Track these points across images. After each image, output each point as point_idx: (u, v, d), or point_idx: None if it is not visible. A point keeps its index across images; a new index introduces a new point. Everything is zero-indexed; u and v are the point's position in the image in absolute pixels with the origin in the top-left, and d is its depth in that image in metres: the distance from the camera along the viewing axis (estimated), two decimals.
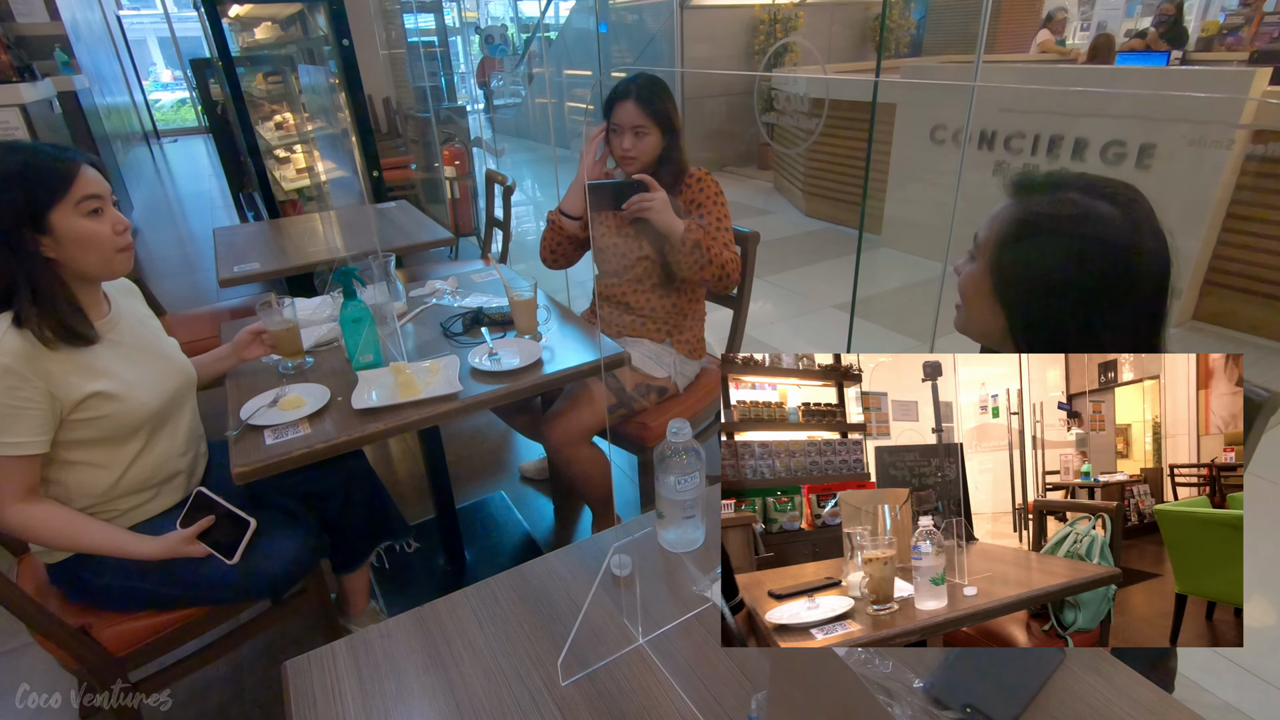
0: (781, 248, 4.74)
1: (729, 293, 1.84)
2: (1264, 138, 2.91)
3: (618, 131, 1.67)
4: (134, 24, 12.29)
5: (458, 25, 8.27)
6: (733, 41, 7.06)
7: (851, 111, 4.76)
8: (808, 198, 5.28)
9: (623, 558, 0.94)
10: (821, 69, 5.82)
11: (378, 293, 1.64)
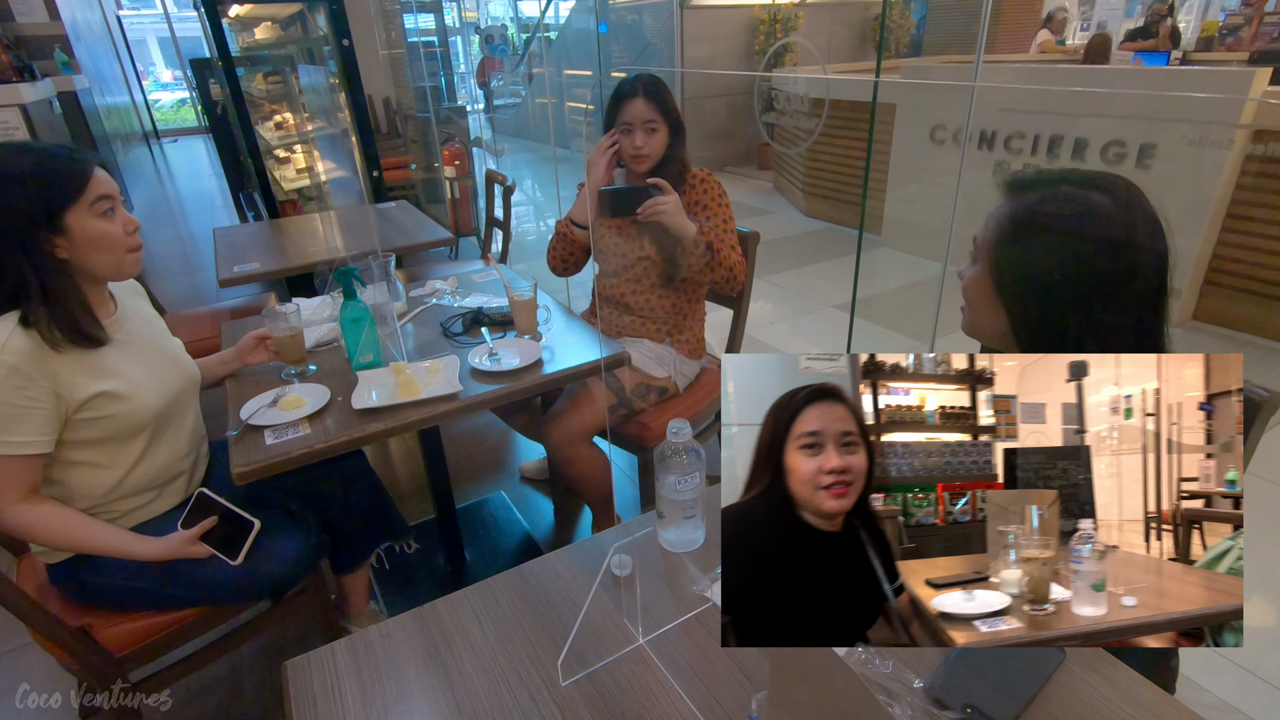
0: (781, 248, 4.74)
1: (733, 294, 1.84)
2: (1264, 138, 2.91)
3: (628, 130, 1.66)
4: (134, 24, 12.29)
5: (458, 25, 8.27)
6: (733, 41, 7.06)
7: (851, 111, 4.76)
8: (808, 198, 5.28)
9: (623, 558, 0.94)
10: (821, 69, 5.82)
11: (378, 293, 1.64)
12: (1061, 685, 0.73)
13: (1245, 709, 1.47)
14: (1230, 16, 5.62)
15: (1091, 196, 0.76)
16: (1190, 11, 7.65)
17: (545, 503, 2.23)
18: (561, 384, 1.57)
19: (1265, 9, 5.09)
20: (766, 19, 6.88)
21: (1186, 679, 1.53)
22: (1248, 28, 5.28)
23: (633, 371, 1.74)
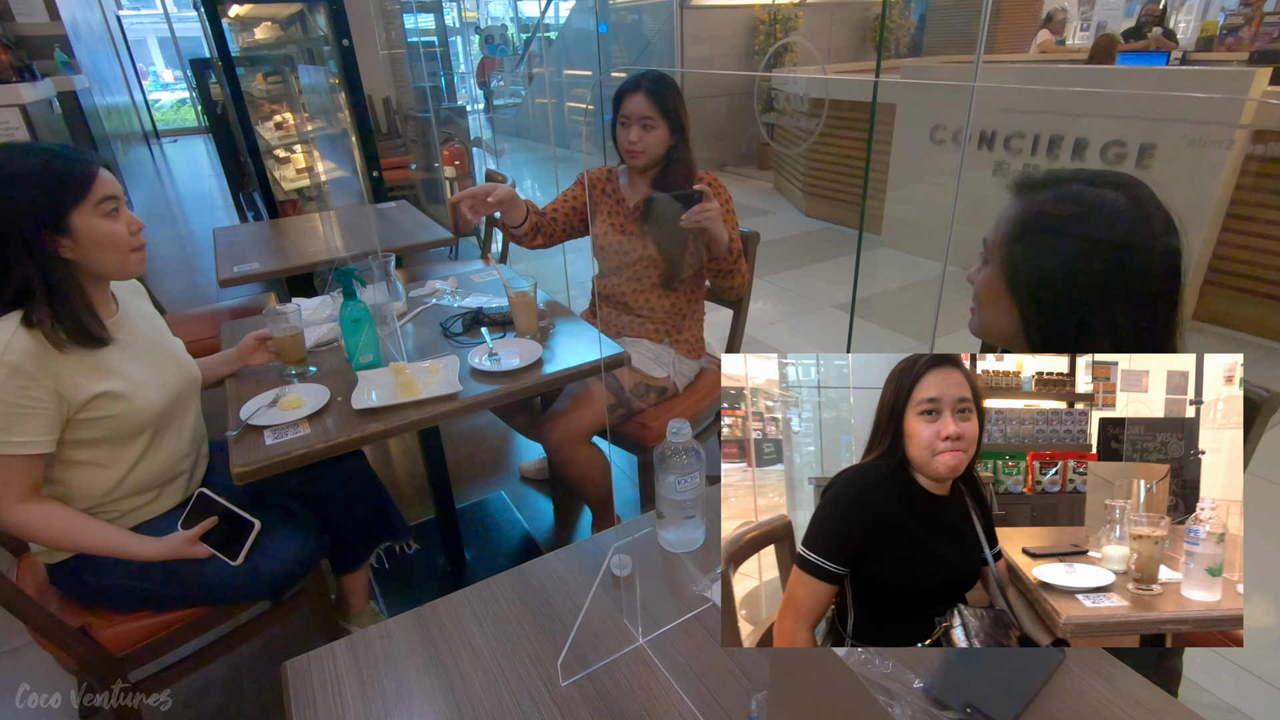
0: (781, 248, 4.74)
1: (735, 299, 1.84)
2: (1264, 138, 2.91)
3: (625, 124, 1.67)
4: (134, 24, 12.29)
5: (458, 25, 8.27)
6: (733, 41, 7.06)
7: (851, 111, 4.76)
8: (808, 198, 5.28)
9: (623, 558, 0.94)
10: (821, 69, 5.82)
11: (378, 293, 1.64)
12: (1061, 685, 0.73)
13: (1245, 709, 1.47)
14: (1230, 16, 5.62)
15: (1104, 194, 0.76)
16: (1190, 11, 7.65)
17: (545, 503, 2.22)
18: (561, 384, 1.57)
19: (1265, 9, 5.09)
20: (766, 19, 6.88)
21: (1186, 679, 1.53)
22: (1247, 28, 5.28)
23: (632, 371, 1.73)
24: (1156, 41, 5.27)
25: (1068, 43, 7.24)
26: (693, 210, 1.56)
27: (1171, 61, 4.75)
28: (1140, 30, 5.34)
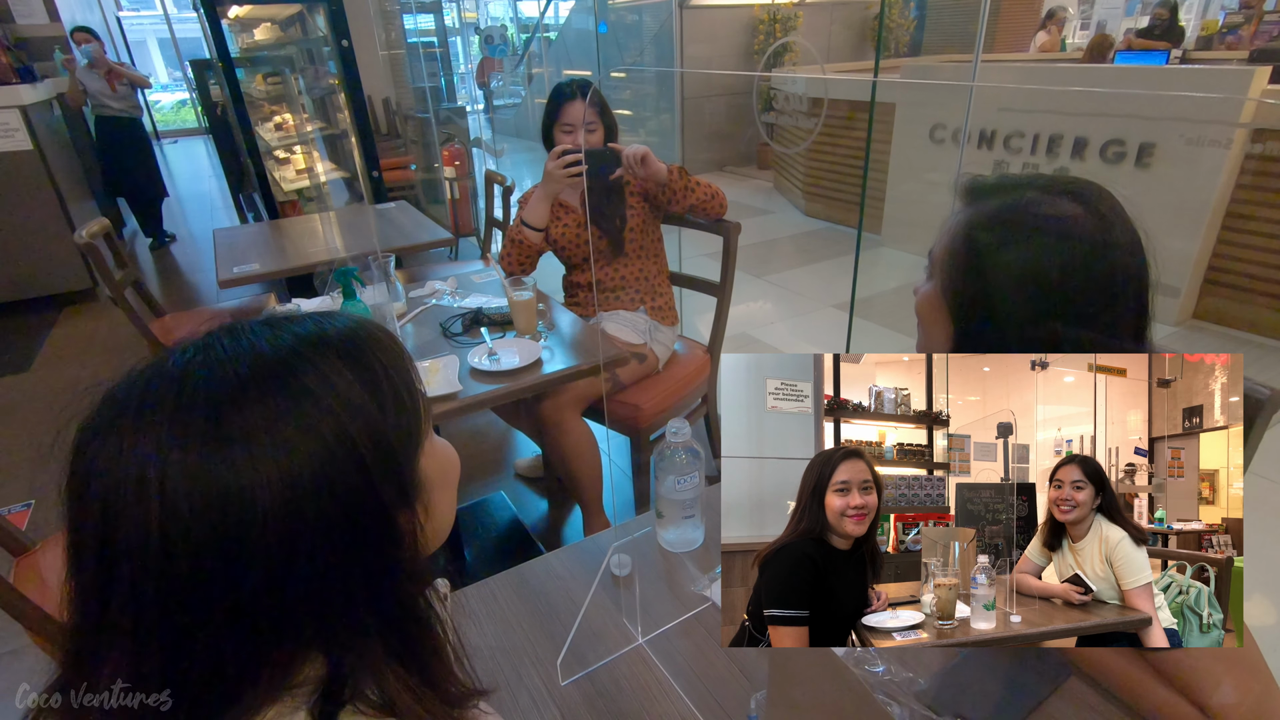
0: (781, 248, 4.74)
1: (722, 215, 1.90)
2: (1263, 137, 2.91)
3: (570, 130, 1.83)
4: (134, 24, 12.30)
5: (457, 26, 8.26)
6: (732, 41, 7.06)
7: (851, 111, 4.76)
8: (807, 198, 5.28)
9: (622, 557, 0.94)
10: (821, 69, 5.82)
11: (378, 293, 1.65)
12: (1061, 686, 0.73)
13: None
14: (1230, 16, 5.62)
15: (1061, 204, 0.67)
16: (1190, 11, 7.65)
17: (545, 503, 2.23)
18: (561, 383, 1.58)
19: (1264, 8, 5.09)
20: (766, 19, 6.89)
21: None
22: (1247, 27, 5.28)
23: (608, 339, 1.81)
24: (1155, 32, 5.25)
25: (1068, 42, 7.24)
26: (625, 157, 1.75)
27: (1171, 60, 4.75)
28: (1151, 32, 5.34)
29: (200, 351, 0.42)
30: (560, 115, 1.83)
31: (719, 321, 1.97)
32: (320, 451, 0.41)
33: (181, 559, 0.39)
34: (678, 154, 6.70)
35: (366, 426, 0.44)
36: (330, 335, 0.46)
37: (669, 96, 6.78)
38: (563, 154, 1.76)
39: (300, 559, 0.41)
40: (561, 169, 1.76)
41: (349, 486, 0.42)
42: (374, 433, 0.44)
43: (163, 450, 0.38)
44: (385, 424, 0.46)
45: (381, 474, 0.44)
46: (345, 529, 0.43)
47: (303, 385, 0.42)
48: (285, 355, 0.43)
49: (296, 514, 0.40)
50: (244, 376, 0.41)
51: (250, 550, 0.40)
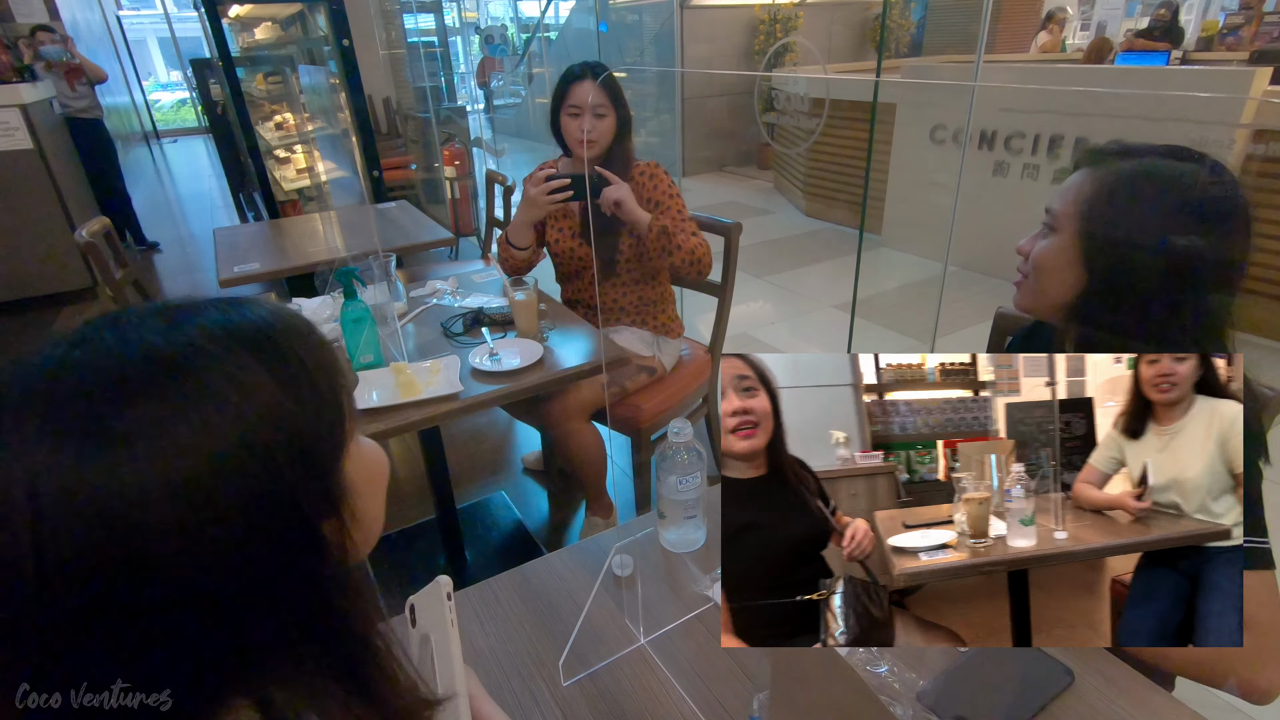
0: (781, 248, 4.74)
1: (702, 280, 1.86)
2: (1264, 137, 2.91)
3: (577, 114, 1.67)
4: (134, 24, 12.29)
5: (458, 25, 8.27)
6: (733, 41, 7.06)
7: (852, 111, 4.76)
8: (808, 198, 5.28)
9: (624, 558, 0.93)
10: (821, 69, 5.81)
11: (378, 293, 1.64)
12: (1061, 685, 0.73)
13: (1245, 709, 1.47)
14: (1230, 16, 5.62)
15: (1187, 168, 0.74)
16: (1191, 12, 7.65)
17: (546, 502, 2.23)
18: (562, 383, 1.58)
19: (1265, 9, 5.08)
20: (766, 19, 6.88)
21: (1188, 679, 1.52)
22: (1248, 27, 5.28)
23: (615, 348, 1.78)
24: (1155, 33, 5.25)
25: (1068, 43, 7.23)
26: (605, 193, 1.59)
27: (1172, 61, 4.75)
28: (1151, 32, 5.34)
29: (78, 345, 0.36)
30: (568, 96, 1.67)
31: (720, 322, 1.97)
32: (223, 455, 0.36)
33: (61, 583, 0.33)
34: (678, 154, 6.69)
35: (282, 428, 0.39)
36: (239, 326, 0.41)
37: (670, 96, 6.78)
38: (546, 178, 1.61)
39: (205, 578, 0.36)
40: (545, 195, 1.59)
41: (261, 494, 0.37)
42: (291, 434, 0.39)
43: (31, 453, 0.33)
44: (304, 424, 0.40)
45: (300, 479, 0.40)
46: (259, 542, 0.38)
47: (201, 382, 0.37)
48: (181, 348, 0.38)
49: (197, 527, 0.35)
50: (129, 372, 0.36)
51: (142, 571, 0.34)
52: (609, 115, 1.69)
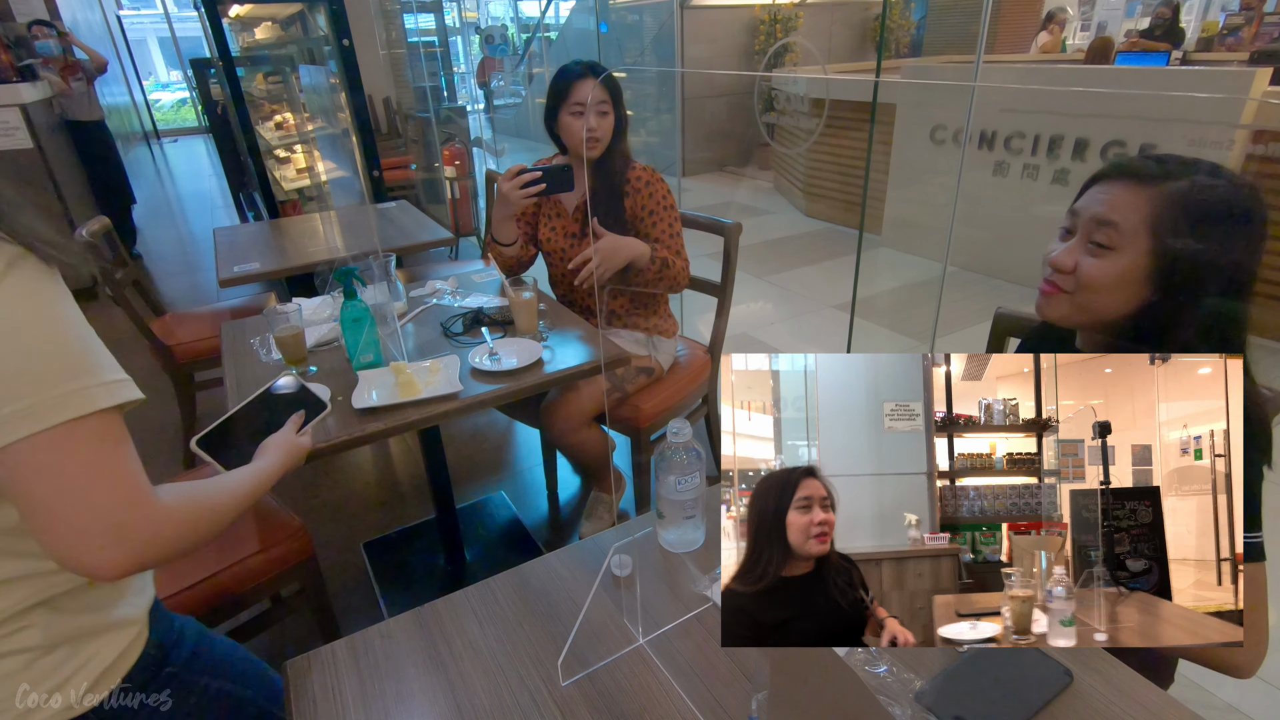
0: (781, 248, 4.74)
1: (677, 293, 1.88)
2: (1264, 138, 2.91)
3: (580, 112, 1.68)
4: (134, 24, 12.29)
5: (458, 25, 8.27)
6: (733, 41, 7.06)
7: (851, 111, 4.76)
8: (808, 198, 5.28)
9: (623, 558, 0.93)
10: (821, 69, 5.81)
11: (378, 293, 1.64)
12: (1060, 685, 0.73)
13: (1245, 709, 1.47)
14: (1230, 17, 5.62)
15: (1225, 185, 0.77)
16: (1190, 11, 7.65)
17: (545, 503, 2.23)
18: (562, 383, 1.58)
19: (1265, 9, 5.08)
20: (766, 19, 6.88)
21: (1187, 679, 1.53)
22: (1248, 28, 5.28)
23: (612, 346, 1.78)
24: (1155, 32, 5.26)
25: (1068, 43, 7.23)
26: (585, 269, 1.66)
27: (1172, 61, 4.75)
28: (1152, 32, 5.35)
29: None
30: (570, 95, 1.66)
31: (720, 322, 1.97)
32: None
33: None
34: (678, 154, 6.69)
35: None
36: None
37: (670, 97, 6.78)
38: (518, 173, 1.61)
39: None
40: (518, 190, 1.59)
41: None
42: None
43: None
44: None
45: None
46: None
47: None
48: None
49: None
50: None
51: None
52: (610, 114, 1.70)
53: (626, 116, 1.74)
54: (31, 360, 0.58)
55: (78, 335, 0.62)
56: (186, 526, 0.68)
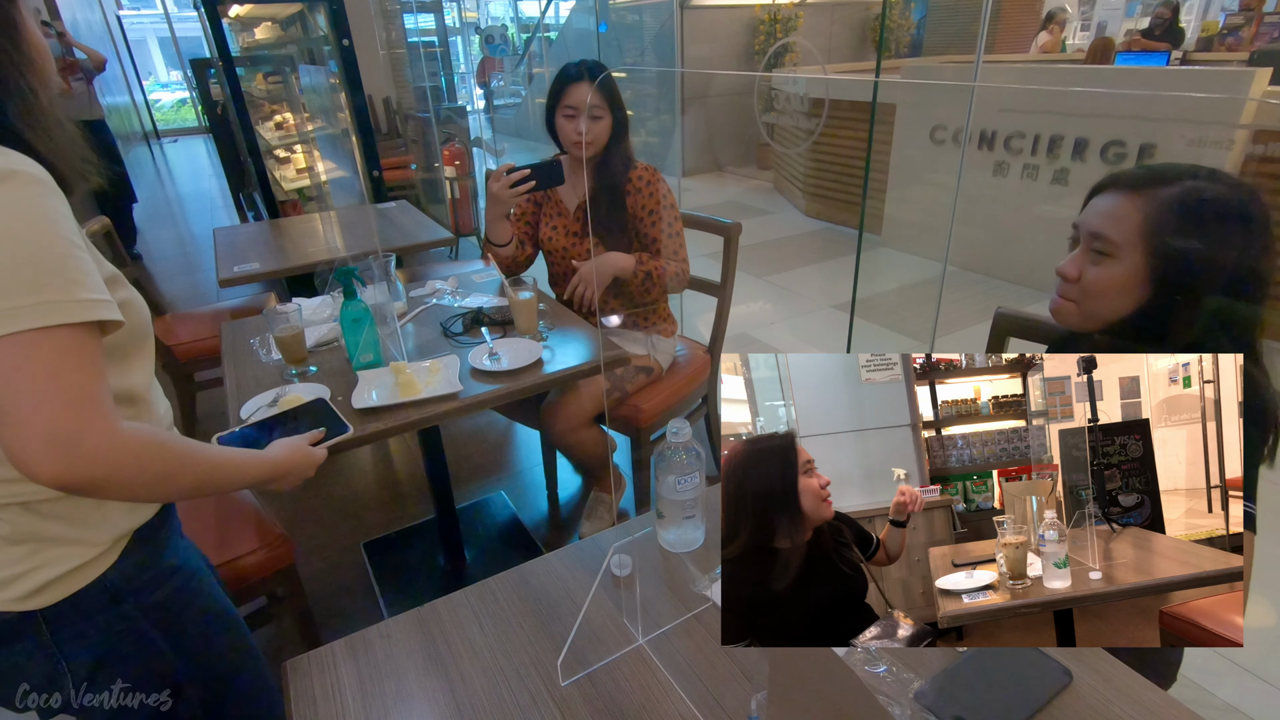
0: (781, 248, 4.74)
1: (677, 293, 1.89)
2: (1264, 138, 2.91)
3: (572, 115, 1.67)
4: (134, 24, 12.29)
5: (458, 25, 8.27)
6: (733, 41, 7.06)
7: (851, 111, 4.76)
8: (808, 198, 5.28)
9: (623, 558, 0.93)
10: (821, 69, 5.81)
11: (378, 293, 1.64)
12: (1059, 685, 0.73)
13: (1245, 709, 1.47)
14: (1230, 17, 5.62)
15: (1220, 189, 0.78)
16: (1190, 11, 7.64)
17: (545, 503, 2.23)
18: (561, 383, 1.58)
19: (1265, 9, 5.09)
20: (767, 19, 6.88)
21: (1187, 679, 1.53)
22: (1248, 28, 5.28)
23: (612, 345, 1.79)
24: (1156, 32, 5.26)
25: (1068, 43, 7.23)
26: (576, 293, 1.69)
27: (1172, 61, 4.75)
28: (1152, 32, 5.35)
29: None
30: (564, 97, 1.66)
31: (719, 322, 1.97)
32: None
33: None
34: (678, 154, 6.69)
35: None
36: None
37: (669, 97, 6.78)
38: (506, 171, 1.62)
39: None
40: (506, 189, 1.60)
41: None
42: None
43: None
44: None
45: None
46: None
47: None
48: None
49: None
50: None
51: None
52: (605, 117, 1.68)
53: (626, 117, 1.72)
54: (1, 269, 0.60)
55: (59, 252, 0.63)
56: (135, 460, 0.67)
